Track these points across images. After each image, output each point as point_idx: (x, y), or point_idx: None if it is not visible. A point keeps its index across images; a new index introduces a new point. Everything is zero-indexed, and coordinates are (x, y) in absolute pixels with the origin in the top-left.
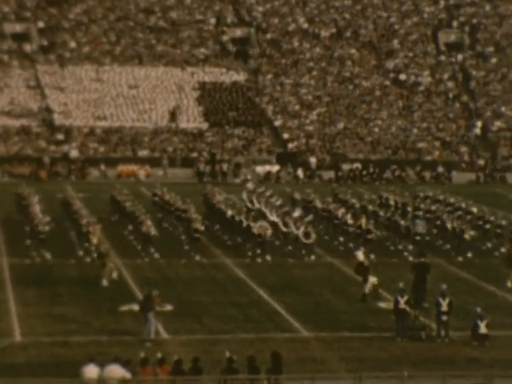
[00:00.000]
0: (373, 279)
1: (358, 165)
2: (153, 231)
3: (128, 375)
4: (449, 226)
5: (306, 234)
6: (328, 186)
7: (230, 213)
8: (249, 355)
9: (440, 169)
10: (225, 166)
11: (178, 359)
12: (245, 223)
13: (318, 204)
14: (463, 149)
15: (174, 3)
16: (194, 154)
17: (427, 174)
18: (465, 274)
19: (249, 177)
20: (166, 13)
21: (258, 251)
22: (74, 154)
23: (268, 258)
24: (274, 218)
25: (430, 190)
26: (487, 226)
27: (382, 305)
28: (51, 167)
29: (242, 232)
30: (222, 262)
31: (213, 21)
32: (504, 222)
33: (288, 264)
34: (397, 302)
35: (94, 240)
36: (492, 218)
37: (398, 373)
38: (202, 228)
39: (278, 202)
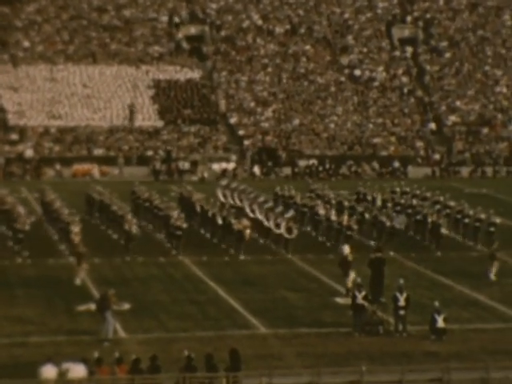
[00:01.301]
0: (352, 275)
1: (314, 161)
2: (135, 229)
3: (85, 374)
4: (429, 220)
5: (288, 230)
6: (286, 182)
7: (210, 211)
8: (207, 353)
9: (396, 164)
10: (181, 164)
11: (136, 358)
12: (222, 220)
13: (299, 200)
14: (419, 143)
15: (127, 1)
16: (150, 153)
17: (383, 170)
18: (422, 269)
19: (205, 174)
20: (120, 11)
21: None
22: (29, 153)
23: (242, 257)
24: (256, 214)
25: (407, 185)
26: (466, 220)
27: (340, 300)
28: (6, 167)
29: (222, 229)
30: (180, 261)
31: (166, 19)
32: (483, 216)
33: (245, 261)
34: (354, 297)
35: (76, 239)
36: (471, 212)
37: (357, 368)
38: (184, 225)
39: (262, 198)
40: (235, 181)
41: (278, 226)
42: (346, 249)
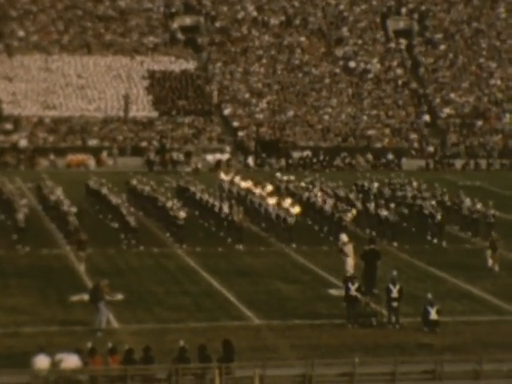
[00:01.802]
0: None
1: (308, 152)
2: (133, 221)
3: (79, 364)
4: (426, 212)
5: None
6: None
7: (210, 202)
8: (200, 344)
9: (390, 156)
10: (175, 155)
11: (129, 348)
12: (225, 211)
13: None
14: (413, 136)
15: None
16: (144, 143)
17: (377, 162)
18: (415, 261)
19: (199, 165)
20: (115, 1)
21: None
22: (23, 143)
23: (240, 247)
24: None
25: (404, 177)
26: (464, 212)
27: (333, 292)
28: (0, 157)
29: (222, 220)
30: (173, 251)
31: (161, 9)
32: (479, 207)
33: (239, 252)
34: (348, 289)
35: (73, 227)
36: (469, 204)
37: (350, 359)
38: (184, 215)
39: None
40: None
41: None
42: (345, 237)
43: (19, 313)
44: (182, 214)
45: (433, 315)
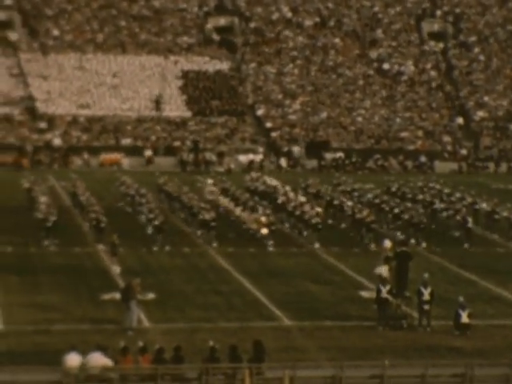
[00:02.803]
0: (383, 269)
1: (340, 154)
2: (158, 220)
3: (110, 363)
4: (457, 216)
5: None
6: (311, 174)
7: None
8: (231, 344)
9: (423, 158)
10: (208, 155)
11: (160, 348)
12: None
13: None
14: (446, 138)
15: None
16: (177, 143)
17: (409, 164)
18: (447, 263)
19: (232, 166)
20: (149, 1)
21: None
22: (57, 142)
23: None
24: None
25: (437, 181)
26: (497, 217)
27: (364, 294)
28: (34, 155)
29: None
30: (205, 251)
31: (196, 9)
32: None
33: (270, 252)
34: (379, 291)
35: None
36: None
37: (380, 362)
38: (213, 215)
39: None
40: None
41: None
42: (388, 243)
43: (51, 310)
44: (212, 215)
45: (464, 318)
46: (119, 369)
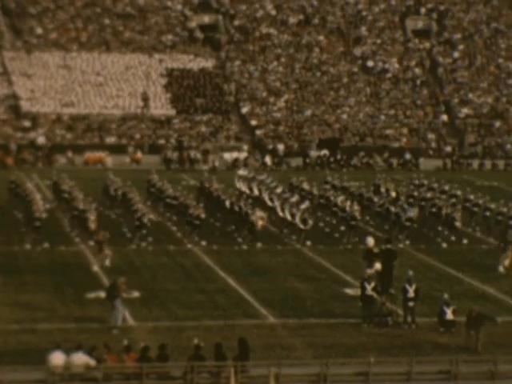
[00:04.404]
0: (377, 265)
1: (325, 152)
2: (146, 218)
3: (92, 362)
4: (443, 212)
5: (303, 221)
6: (295, 172)
7: (228, 201)
8: (216, 342)
9: (407, 155)
10: (192, 153)
11: (145, 346)
12: (243, 210)
13: (315, 191)
14: (430, 135)
15: None
16: (162, 141)
17: (394, 161)
18: (431, 261)
19: (217, 164)
20: None
21: (249, 238)
22: (41, 140)
23: (259, 245)
24: (274, 203)
25: (425, 178)
26: (487, 213)
27: (349, 291)
28: (18, 154)
29: (239, 219)
30: (190, 249)
31: (180, 7)
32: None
33: (255, 251)
34: (364, 289)
35: (92, 226)
36: (492, 205)
37: (365, 359)
38: (203, 215)
39: (279, 189)
40: (253, 171)
41: (293, 216)
42: (371, 241)
43: (35, 309)
44: (201, 214)
45: (449, 315)
46: (104, 367)
